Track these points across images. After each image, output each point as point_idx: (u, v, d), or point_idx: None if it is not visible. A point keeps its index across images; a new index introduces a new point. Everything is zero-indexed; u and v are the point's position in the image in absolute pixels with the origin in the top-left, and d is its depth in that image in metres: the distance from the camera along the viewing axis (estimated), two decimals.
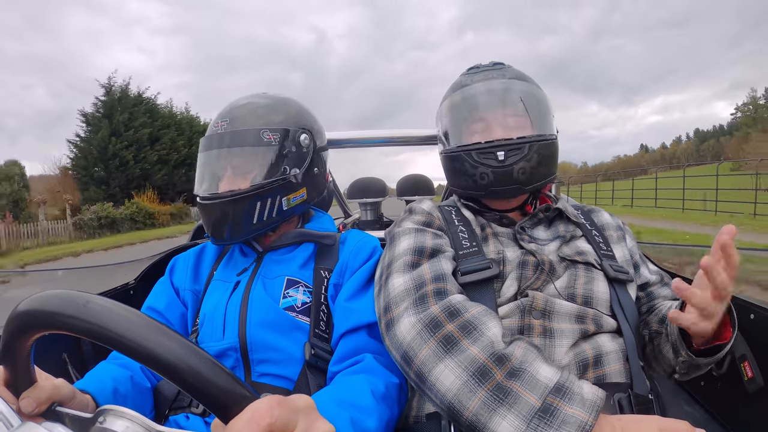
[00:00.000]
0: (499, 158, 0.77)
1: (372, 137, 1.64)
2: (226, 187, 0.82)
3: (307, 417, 0.35)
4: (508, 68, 0.89)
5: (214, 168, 0.85)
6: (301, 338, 0.77)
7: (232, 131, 0.84)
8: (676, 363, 0.72)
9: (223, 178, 0.84)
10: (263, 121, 0.85)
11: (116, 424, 0.39)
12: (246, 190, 0.81)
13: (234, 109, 0.88)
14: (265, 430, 0.31)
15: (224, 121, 0.85)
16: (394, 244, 0.78)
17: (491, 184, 0.79)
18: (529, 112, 0.82)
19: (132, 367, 0.75)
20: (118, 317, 0.33)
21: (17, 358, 0.41)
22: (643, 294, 0.85)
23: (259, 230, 0.84)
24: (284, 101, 0.92)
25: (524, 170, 0.78)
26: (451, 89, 0.91)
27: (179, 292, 0.88)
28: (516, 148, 0.78)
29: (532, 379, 0.54)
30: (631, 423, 0.51)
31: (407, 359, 0.61)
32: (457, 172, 0.84)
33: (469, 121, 0.84)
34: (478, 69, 0.90)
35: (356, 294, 0.79)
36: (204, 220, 0.86)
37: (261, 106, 0.88)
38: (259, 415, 0.31)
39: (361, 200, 2.11)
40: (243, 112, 0.86)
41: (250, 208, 0.82)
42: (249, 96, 0.92)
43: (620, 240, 0.85)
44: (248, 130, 0.84)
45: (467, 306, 0.63)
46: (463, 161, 0.81)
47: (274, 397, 0.33)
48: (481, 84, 0.85)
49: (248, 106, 0.88)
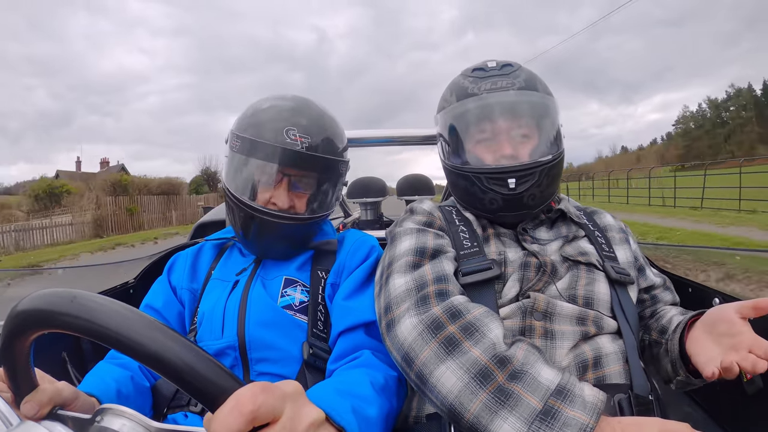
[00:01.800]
0: (510, 186, 0.74)
1: (372, 137, 1.64)
2: (285, 205, 0.79)
3: (295, 403, 0.34)
4: (516, 72, 0.80)
5: (281, 182, 0.80)
6: (300, 337, 0.77)
7: (314, 156, 0.79)
8: (673, 377, 0.72)
9: (280, 193, 0.80)
10: (336, 148, 0.84)
11: (114, 423, 0.39)
12: (315, 216, 0.83)
13: (308, 120, 0.81)
14: (248, 417, 0.30)
15: (305, 138, 0.79)
16: (395, 244, 0.78)
17: (500, 209, 0.77)
18: (541, 129, 0.78)
19: (131, 367, 0.75)
20: (103, 310, 0.33)
21: (16, 359, 0.40)
22: (647, 297, 0.85)
23: (303, 250, 0.87)
24: (334, 118, 0.88)
25: (534, 196, 0.76)
26: (456, 94, 0.81)
27: (177, 290, 0.88)
28: (527, 174, 0.74)
29: (533, 381, 0.53)
30: (631, 425, 0.51)
31: (408, 360, 0.61)
32: (463, 190, 0.81)
33: (477, 138, 0.79)
34: (484, 72, 0.81)
35: (354, 293, 0.79)
36: (254, 232, 0.81)
37: (328, 125, 0.84)
38: (242, 403, 0.31)
39: (360, 200, 2.11)
40: (319, 130, 0.81)
41: (309, 232, 0.85)
42: (307, 102, 0.85)
43: (623, 242, 0.84)
44: (331, 159, 0.82)
45: (469, 307, 0.63)
46: (472, 183, 0.77)
47: (259, 384, 0.32)
48: (490, 96, 0.77)
49: (319, 122, 0.83)
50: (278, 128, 0.79)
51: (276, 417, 0.32)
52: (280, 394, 0.33)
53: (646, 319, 0.83)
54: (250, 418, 0.30)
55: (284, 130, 0.78)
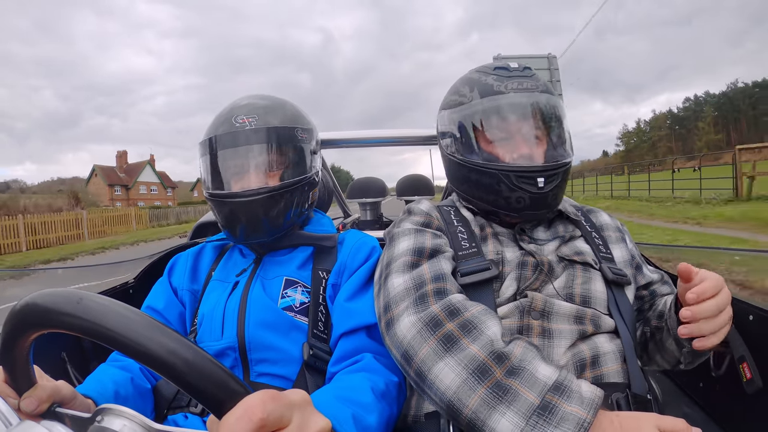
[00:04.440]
0: (539, 185, 0.74)
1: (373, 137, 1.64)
2: (256, 184, 0.80)
3: (303, 411, 0.35)
4: (536, 75, 0.81)
5: (242, 164, 0.81)
6: (300, 338, 0.77)
7: (267, 127, 0.81)
8: (681, 354, 0.73)
9: (248, 175, 0.81)
10: (287, 118, 0.85)
11: (114, 423, 0.39)
12: (287, 184, 0.81)
13: (252, 106, 0.84)
14: (258, 425, 0.30)
15: (251, 117, 0.81)
16: (393, 244, 0.78)
17: (527, 208, 0.76)
18: (563, 131, 0.80)
19: (132, 369, 0.75)
20: (111, 313, 0.33)
21: (16, 358, 0.41)
22: (647, 293, 0.85)
23: (289, 227, 0.85)
24: (288, 101, 0.92)
25: (556, 196, 0.78)
26: (479, 91, 0.80)
27: (177, 291, 0.88)
28: (554, 174, 0.76)
29: (531, 377, 0.54)
30: (628, 418, 0.52)
31: (407, 358, 0.61)
32: (485, 188, 0.79)
33: (501, 135, 0.78)
34: (507, 71, 0.80)
35: (355, 294, 0.79)
36: (231, 218, 0.81)
37: (278, 104, 0.87)
38: (252, 410, 0.31)
39: (360, 200, 2.12)
40: (266, 109, 0.84)
41: (287, 204, 0.82)
42: (253, 96, 0.90)
43: (619, 241, 0.85)
44: (285, 127, 0.83)
45: (467, 305, 0.64)
46: (499, 181, 0.76)
47: (267, 392, 0.32)
48: (519, 95, 0.77)
49: (266, 104, 0.86)
50: (227, 119, 0.83)
51: (284, 425, 0.33)
52: (288, 402, 0.33)
53: (645, 313, 0.84)
54: (259, 425, 0.30)
55: (232, 119, 0.83)
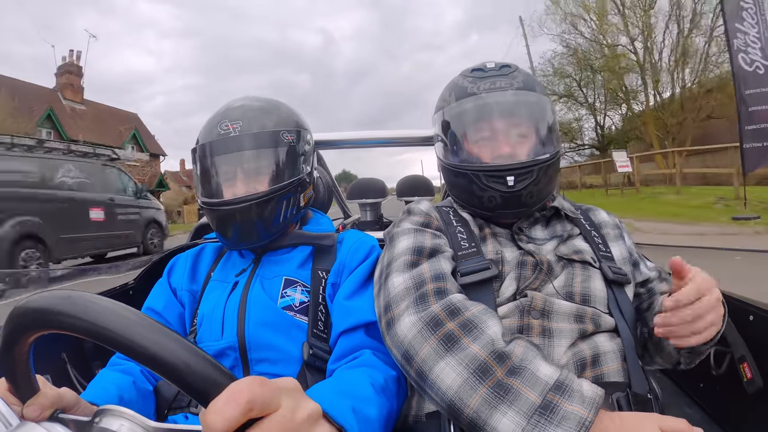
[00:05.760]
0: (509, 183, 0.74)
1: (372, 138, 1.65)
2: (244, 191, 0.81)
3: (292, 396, 0.34)
4: (515, 73, 0.81)
5: (228, 172, 0.83)
6: (300, 337, 0.77)
7: (251, 133, 0.82)
8: (679, 354, 0.72)
9: (234, 182, 0.82)
10: (276, 122, 0.85)
11: (112, 423, 0.39)
12: (275, 189, 0.82)
13: (239, 111, 0.85)
14: (245, 407, 0.30)
15: (236, 123, 0.83)
16: (393, 244, 0.79)
17: (498, 207, 0.77)
18: (538, 129, 0.79)
19: (133, 372, 0.75)
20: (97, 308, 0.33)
21: (16, 363, 0.40)
22: (644, 290, 0.85)
23: (282, 229, 0.85)
24: (279, 103, 0.92)
25: (532, 194, 0.76)
26: (455, 94, 0.83)
27: (177, 292, 0.88)
28: (526, 172, 0.75)
29: (532, 376, 0.54)
30: (630, 418, 0.51)
31: (408, 358, 0.61)
32: (461, 188, 0.82)
33: (475, 136, 0.80)
34: (483, 72, 0.82)
35: (355, 293, 0.79)
36: (222, 225, 0.83)
37: (266, 108, 0.88)
38: (239, 394, 0.30)
39: (360, 201, 2.12)
40: (252, 114, 0.85)
41: (277, 207, 0.83)
42: (243, 98, 0.90)
43: (618, 238, 0.85)
44: (268, 132, 0.83)
45: (467, 305, 0.63)
46: (470, 181, 0.78)
47: (255, 377, 0.32)
48: (489, 95, 0.79)
49: (253, 108, 0.86)
50: (213, 127, 0.84)
51: (272, 409, 0.32)
52: (276, 387, 0.33)
53: (644, 312, 0.84)
54: (246, 408, 0.30)
55: (218, 125, 0.84)
